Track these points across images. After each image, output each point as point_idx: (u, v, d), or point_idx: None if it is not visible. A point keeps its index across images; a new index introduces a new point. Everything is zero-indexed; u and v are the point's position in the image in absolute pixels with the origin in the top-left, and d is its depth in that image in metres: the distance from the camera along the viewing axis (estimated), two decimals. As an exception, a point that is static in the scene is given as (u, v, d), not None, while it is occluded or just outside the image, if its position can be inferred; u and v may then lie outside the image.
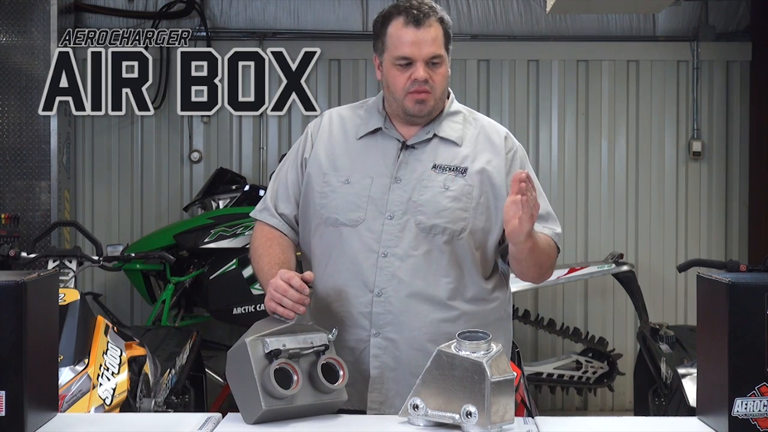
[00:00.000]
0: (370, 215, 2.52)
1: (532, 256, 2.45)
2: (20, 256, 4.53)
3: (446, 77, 2.56)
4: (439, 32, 2.52)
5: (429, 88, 2.51)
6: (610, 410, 6.46)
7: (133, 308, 6.56)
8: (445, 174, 2.54)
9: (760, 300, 2.01)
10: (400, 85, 2.52)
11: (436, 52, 2.51)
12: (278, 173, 2.70)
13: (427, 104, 2.53)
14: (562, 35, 6.64)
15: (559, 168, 6.58)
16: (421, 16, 2.50)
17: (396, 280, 2.49)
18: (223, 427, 2.19)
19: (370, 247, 2.50)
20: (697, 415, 2.23)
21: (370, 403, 2.50)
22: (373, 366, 2.50)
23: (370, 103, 2.68)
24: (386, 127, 2.60)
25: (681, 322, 6.39)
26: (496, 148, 2.59)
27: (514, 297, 6.20)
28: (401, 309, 2.48)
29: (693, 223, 6.59)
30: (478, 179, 2.55)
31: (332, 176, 2.58)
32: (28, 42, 6.23)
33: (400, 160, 2.56)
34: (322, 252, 2.57)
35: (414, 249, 2.49)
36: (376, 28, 2.58)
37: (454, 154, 2.57)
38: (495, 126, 2.66)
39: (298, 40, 6.50)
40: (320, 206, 2.57)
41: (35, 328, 2.00)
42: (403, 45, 2.50)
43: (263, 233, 2.65)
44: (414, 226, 2.50)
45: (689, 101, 6.57)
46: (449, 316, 2.51)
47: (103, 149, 6.59)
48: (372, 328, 2.49)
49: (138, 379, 3.61)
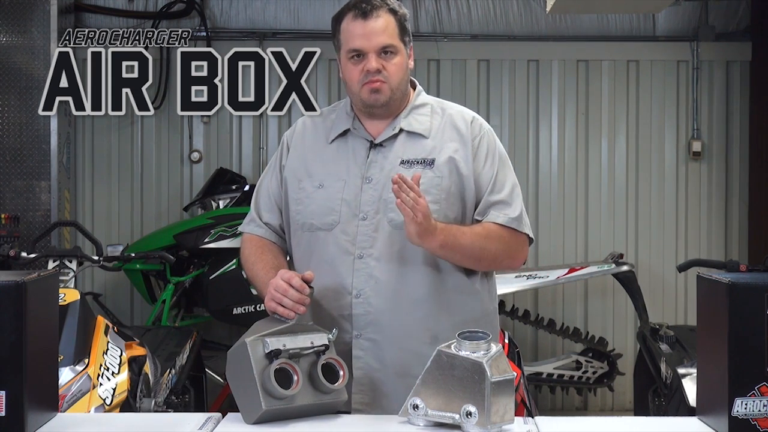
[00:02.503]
0: (344, 217, 2.53)
1: (452, 253, 2.44)
2: (20, 256, 4.53)
3: (403, 68, 2.56)
4: (390, 23, 2.53)
5: (383, 78, 2.52)
6: (610, 410, 6.46)
7: (133, 308, 6.56)
8: (413, 168, 2.52)
9: (760, 300, 2.01)
10: (355, 78, 2.54)
11: (387, 41, 2.52)
12: (260, 184, 2.72)
13: (383, 93, 2.53)
14: (562, 35, 6.64)
15: (559, 168, 6.58)
16: (368, 9, 2.52)
17: (373, 281, 2.49)
18: (223, 427, 2.19)
19: (346, 250, 2.51)
20: (697, 415, 2.23)
21: (354, 404, 2.49)
22: (356, 367, 2.49)
23: (340, 106, 2.71)
24: (354, 127, 2.61)
25: (681, 322, 6.39)
26: (463, 136, 2.58)
27: (514, 297, 6.32)
28: (381, 309, 2.48)
29: (693, 223, 6.59)
30: (447, 169, 2.53)
31: (306, 182, 2.59)
32: (28, 42, 6.23)
33: (369, 160, 2.57)
34: (301, 257, 2.59)
35: (389, 247, 2.49)
36: (333, 27, 2.60)
37: (421, 147, 2.56)
38: (462, 113, 2.64)
39: (298, 40, 6.50)
40: (296, 212, 2.59)
41: (35, 328, 2.00)
42: (353, 38, 2.52)
43: (252, 243, 2.67)
44: (387, 225, 2.50)
45: (689, 101, 6.57)
46: (430, 312, 2.50)
47: (103, 149, 6.59)
48: (353, 330, 2.49)
49: (138, 379, 3.61)
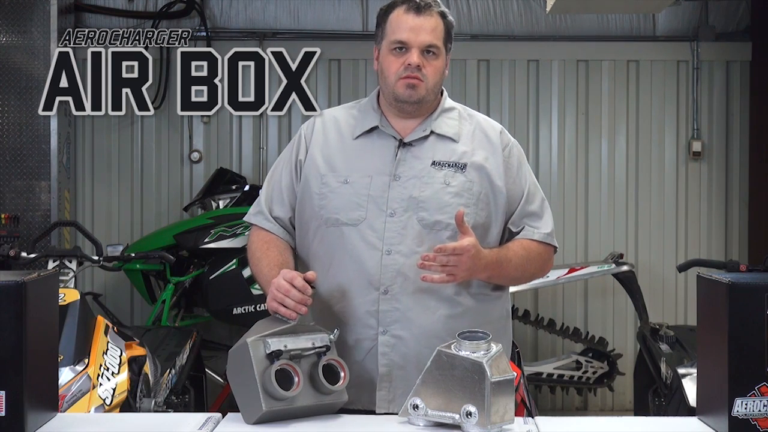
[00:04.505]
0: (371, 213, 2.52)
1: (497, 277, 2.54)
2: (20, 256, 4.53)
3: (440, 72, 2.57)
4: (440, 25, 2.55)
5: (421, 77, 2.52)
6: (610, 410, 6.46)
7: (133, 308, 6.56)
8: (444, 170, 2.54)
9: (760, 300, 2.01)
10: (393, 69, 2.54)
11: (433, 41, 2.53)
12: (271, 176, 2.69)
13: (418, 91, 2.53)
14: (562, 35, 6.64)
15: (559, 168, 6.58)
16: (422, 5, 2.54)
17: (402, 277, 2.48)
18: (223, 427, 2.19)
19: (374, 245, 2.50)
20: (697, 415, 2.23)
21: (378, 401, 2.49)
22: (381, 364, 2.49)
23: (363, 103, 2.68)
24: (382, 124, 2.59)
25: (681, 322, 6.39)
26: (493, 145, 2.60)
27: (514, 297, 6.31)
28: (408, 306, 2.48)
29: (693, 223, 6.59)
30: (477, 175, 2.55)
31: (330, 177, 2.57)
32: (28, 42, 6.23)
33: (398, 158, 2.56)
34: (325, 253, 2.56)
35: (418, 245, 2.49)
36: (379, 18, 2.60)
37: (452, 151, 2.57)
38: (490, 122, 2.67)
39: (298, 40, 6.50)
40: (319, 207, 2.56)
41: (35, 328, 2.00)
42: (401, 30, 2.53)
43: (259, 237, 2.64)
44: (416, 223, 2.50)
45: (689, 101, 6.57)
46: (456, 312, 2.50)
47: (103, 149, 6.58)
48: (379, 326, 2.49)
49: (138, 379, 3.61)
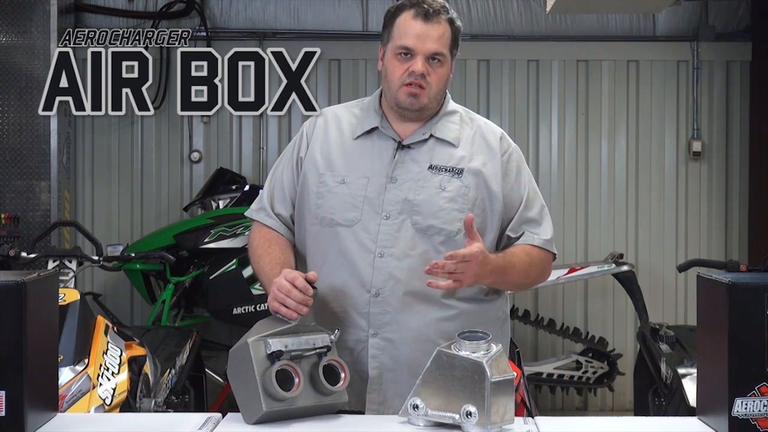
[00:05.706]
0: (366, 215, 2.52)
1: (501, 283, 2.54)
2: (20, 256, 4.54)
3: (444, 79, 2.56)
4: (447, 32, 2.53)
5: (424, 84, 2.51)
6: (610, 410, 6.46)
7: (133, 308, 6.56)
8: (441, 175, 2.53)
9: (760, 300, 2.01)
10: (397, 74, 2.52)
11: (439, 49, 2.51)
12: (274, 173, 2.70)
13: (420, 100, 2.52)
14: (562, 35, 6.64)
15: (559, 168, 6.58)
16: (430, 12, 2.51)
17: (393, 280, 2.48)
18: (223, 427, 2.19)
19: (367, 247, 2.50)
20: (697, 415, 2.23)
21: (368, 403, 2.50)
22: (372, 366, 2.49)
23: (366, 102, 2.67)
24: (383, 126, 2.59)
25: (681, 322, 6.39)
26: (492, 150, 2.59)
27: (514, 297, 6.31)
28: (399, 308, 2.48)
29: (693, 223, 6.59)
30: (474, 181, 2.54)
31: (328, 176, 2.57)
32: (28, 42, 6.23)
33: (396, 160, 2.55)
34: (318, 252, 2.57)
35: (411, 249, 2.49)
36: (386, 19, 2.59)
37: (450, 155, 2.56)
38: (491, 126, 2.66)
39: (298, 40, 6.50)
40: (316, 206, 2.57)
41: (35, 328, 2.00)
42: (407, 36, 2.51)
43: (261, 234, 2.65)
44: (410, 227, 2.50)
45: (689, 101, 6.57)
46: (447, 315, 2.50)
47: (103, 149, 6.58)
48: (370, 328, 2.49)
49: (138, 379, 3.61)
